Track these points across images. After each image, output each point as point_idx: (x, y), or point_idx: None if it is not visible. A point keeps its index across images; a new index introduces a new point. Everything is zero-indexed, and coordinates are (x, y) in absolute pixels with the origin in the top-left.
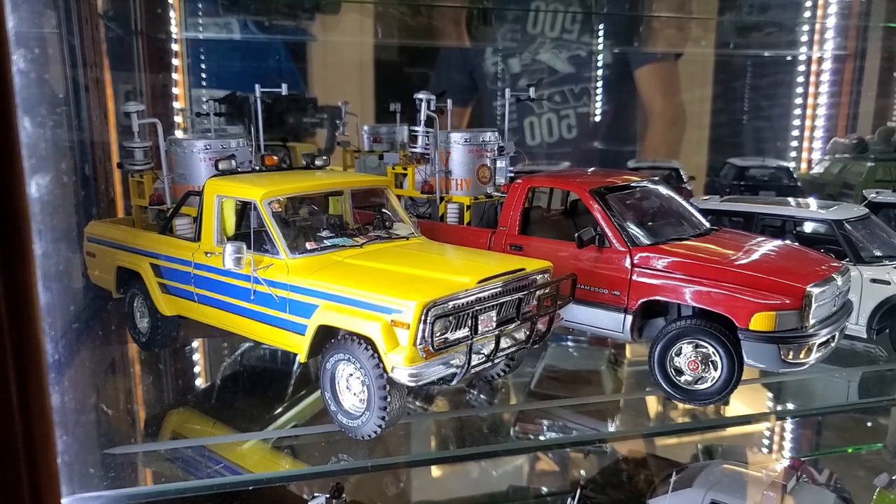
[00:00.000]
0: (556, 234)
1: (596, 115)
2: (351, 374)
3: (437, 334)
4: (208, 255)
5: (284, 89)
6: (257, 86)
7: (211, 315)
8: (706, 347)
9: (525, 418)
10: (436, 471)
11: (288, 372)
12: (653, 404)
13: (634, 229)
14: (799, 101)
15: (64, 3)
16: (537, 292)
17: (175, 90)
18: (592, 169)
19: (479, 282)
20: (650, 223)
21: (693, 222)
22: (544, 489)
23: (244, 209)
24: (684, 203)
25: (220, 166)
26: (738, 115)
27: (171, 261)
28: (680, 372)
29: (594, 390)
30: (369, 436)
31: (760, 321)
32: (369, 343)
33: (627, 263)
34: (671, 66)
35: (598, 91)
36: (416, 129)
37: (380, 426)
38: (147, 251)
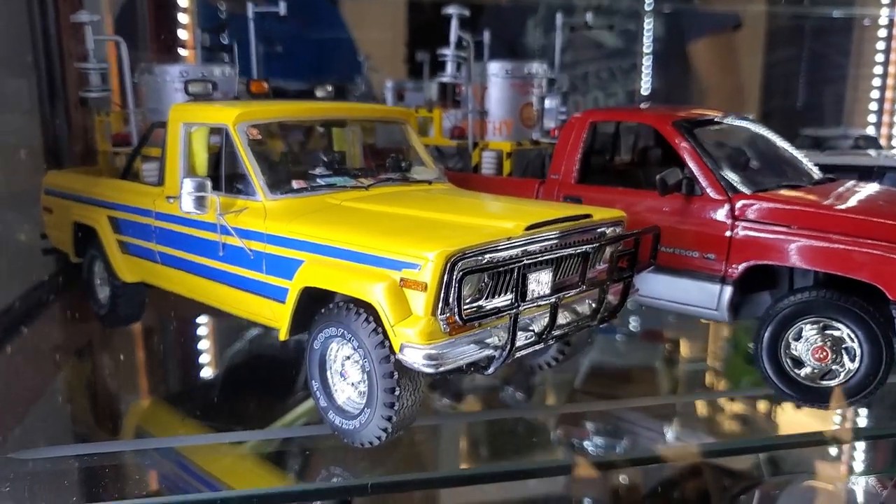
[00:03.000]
0: (627, 183)
1: (645, 91)
2: (347, 358)
3: (468, 300)
4: (171, 200)
5: (283, 8)
6: (250, 4)
7: (176, 280)
8: (839, 329)
9: (569, 421)
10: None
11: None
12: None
13: (733, 173)
14: (878, 70)
15: None
16: (608, 249)
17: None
18: (648, 104)
19: (528, 228)
20: (752, 167)
21: (803, 170)
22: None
23: (220, 146)
24: (789, 147)
25: (191, 90)
26: (803, 83)
27: (130, 212)
28: (799, 363)
29: (648, 391)
30: (371, 443)
31: None
32: (371, 312)
33: (726, 216)
34: (729, 38)
35: (648, 67)
36: (445, 52)
37: (385, 430)
38: (104, 201)
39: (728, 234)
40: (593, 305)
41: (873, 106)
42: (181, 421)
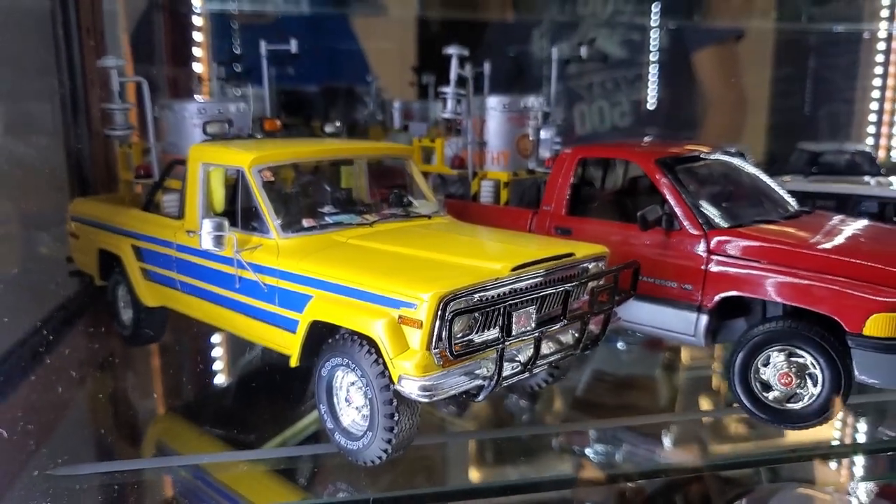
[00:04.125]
0: (613, 214)
1: (651, 102)
2: (352, 384)
3: (459, 335)
4: (191, 234)
5: (294, 46)
6: (262, 42)
7: (195, 307)
8: (803, 356)
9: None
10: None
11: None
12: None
13: (711, 209)
14: (877, 82)
15: None
16: (589, 284)
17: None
18: (650, 138)
19: (514, 269)
20: (729, 202)
21: (780, 203)
22: None
23: (236, 182)
24: (767, 179)
25: (209, 130)
26: (805, 96)
27: (152, 242)
28: (767, 387)
29: (648, 399)
30: (373, 462)
31: (879, 324)
32: (372, 345)
33: (702, 250)
34: (732, 48)
35: (654, 77)
36: (445, 90)
37: (385, 450)
38: (128, 231)
39: (704, 267)
40: (576, 335)
41: (872, 117)
42: (203, 437)
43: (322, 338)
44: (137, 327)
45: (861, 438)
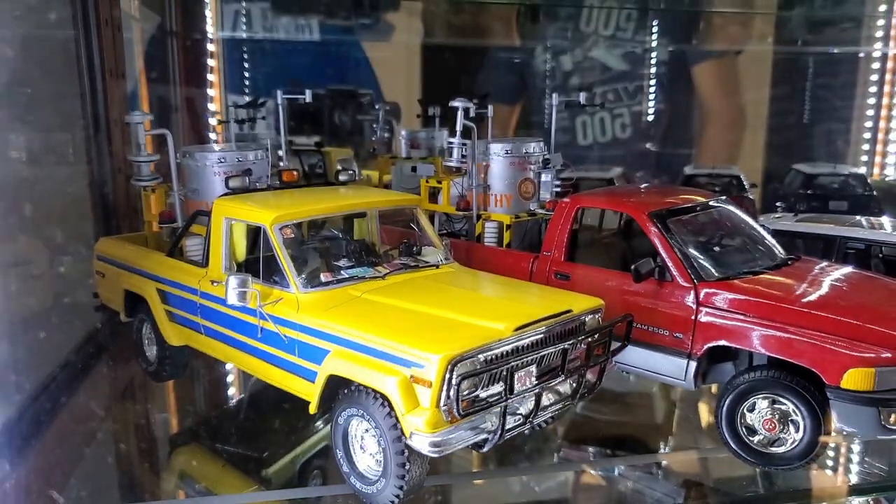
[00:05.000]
0: (610, 261)
1: (651, 113)
2: (366, 431)
3: (465, 393)
4: (215, 283)
5: (308, 95)
6: (279, 91)
7: (218, 350)
8: (786, 404)
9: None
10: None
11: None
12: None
13: (700, 260)
14: (872, 101)
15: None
16: (586, 339)
17: (210, 91)
18: (647, 185)
19: (517, 329)
20: (718, 253)
21: (767, 251)
22: None
23: (256, 232)
24: (756, 227)
25: (231, 184)
26: (802, 116)
27: (177, 287)
28: (752, 431)
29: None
30: None
31: (855, 378)
32: (386, 399)
33: (692, 301)
34: (731, 62)
35: (654, 89)
36: (452, 140)
37: (398, 495)
38: (154, 275)
39: (693, 317)
40: (574, 386)
41: (867, 135)
42: (229, 474)
43: (339, 387)
44: (162, 364)
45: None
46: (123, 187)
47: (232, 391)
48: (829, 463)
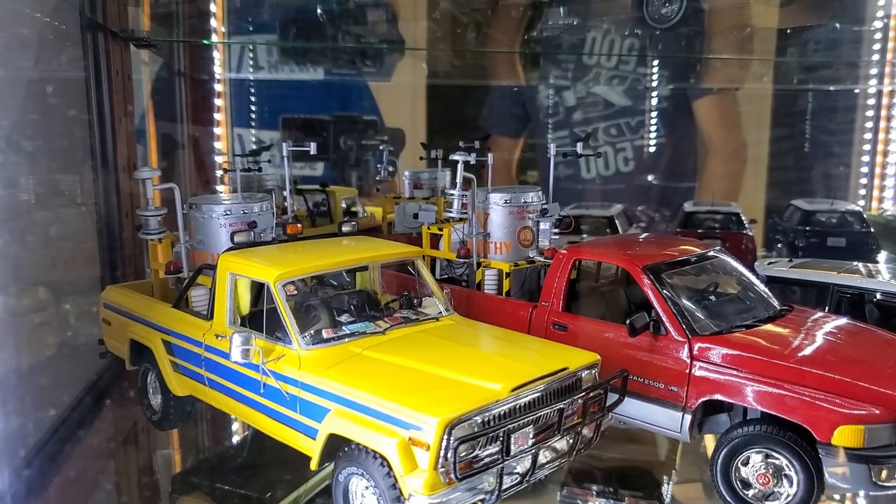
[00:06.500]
0: (607, 312)
1: (653, 147)
2: (366, 488)
3: (462, 455)
4: (219, 337)
5: (313, 148)
6: (285, 144)
7: (222, 402)
8: (779, 459)
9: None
10: None
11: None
12: None
13: (695, 314)
14: (868, 136)
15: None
16: (582, 396)
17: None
18: (645, 236)
19: (514, 389)
20: (713, 305)
21: (761, 301)
22: None
23: (260, 286)
24: (750, 277)
25: (236, 239)
26: (799, 152)
27: (182, 339)
28: (747, 485)
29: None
30: None
31: (845, 435)
32: (385, 459)
33: (686, 355)
34: (731, 97)
35: (656, 124)
36: (452, 192)
37: None
38: (159, 326)
39: (687, 371)
40: (570, 442)
41: (864, 169)
42: None
43: (340, 444)
44: (166, 413)
45: None
46: (130, 229)
47: (235, 435)
48: None
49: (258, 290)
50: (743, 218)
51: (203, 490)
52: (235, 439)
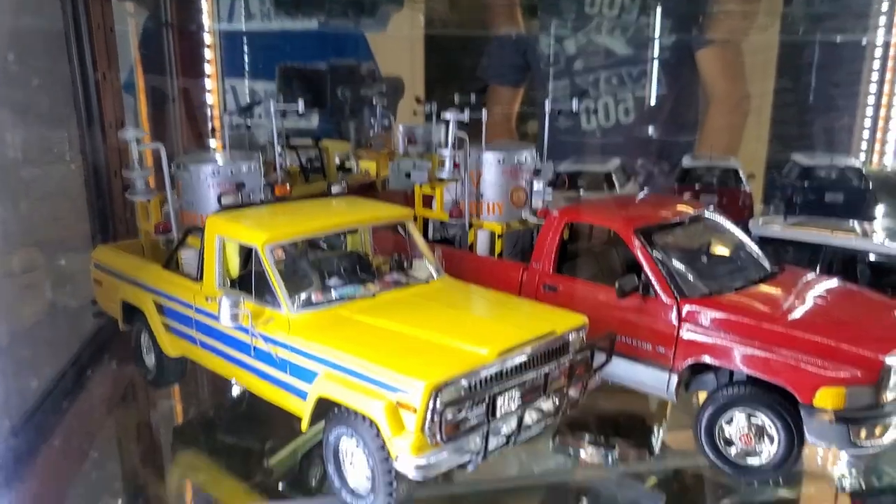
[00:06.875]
0: (597, 273)
1: (654, 98)
2: (356, 447)
3: (449, 417)
4: (209, 300)
5: (301, 107)
6: (272, 101)
7: (214, 363)
8: (762, 419)
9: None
10: None
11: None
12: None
13: (684, 277)
14: (873, 88)
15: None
16: (569, 358)
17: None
18: (638, 197)
19: (500, 353)
20: (703, 268)
21: (752, 263)
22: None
23: (248, 249)
24: (742, 238)
25: (223, 202)
26: (803, 105)
27: (173, 301)
28: (730, 443)
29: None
30: None
31: (826, 397)
32: (373, 421)
33: (674, 318)
34: (735, 47)
35: (657, 74)
36: (444, 152)
37: None
38: (150, 287)
39: (675, 333)
40: (556, 403)
41: (867, 122)
42: (236, 482)
43: (329, 405)
44: (160, 372)
45: None
46: (120, 187)
47: (234, 388)
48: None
49: (247, 252)
50: (741, 173)
51: (201, 443)
52: (234, 391)
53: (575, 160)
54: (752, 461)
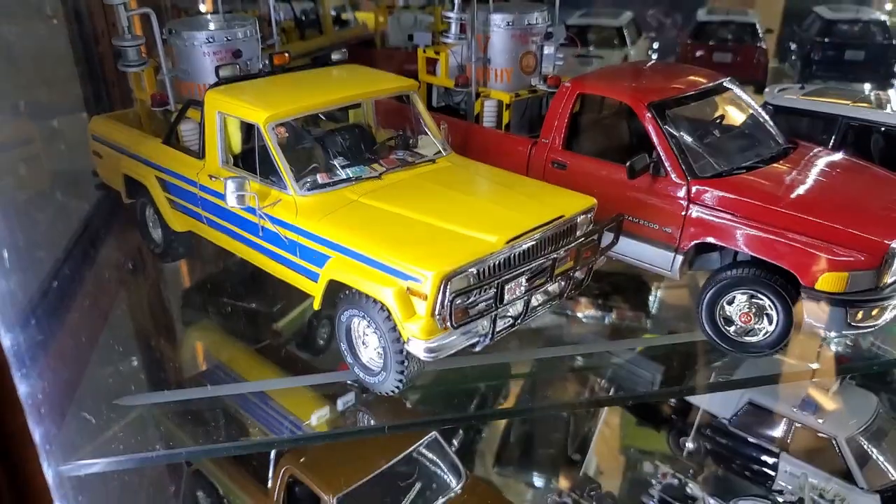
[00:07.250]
0: (608, 150)
1: None
2: (367, 326)
3: (458, 304)
4: (213, 178)
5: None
6: None
7: (222, 240)
8: (763, 299)
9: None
10: None
11: None
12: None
13: (696, 155)
14: None
15: None
16: (577, 241)
17: None
18: (653, 63)
19: (509, 241)
20: (715, 145)
21: (765, 140)
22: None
23: (250, 125)
24: (758, 113)
25: (221, 73)
26: None
27: (176, 178)
28: (729, 321)
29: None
30: (390, 392)
31: (830, 281)
32: (384, 305)
33: (683, 198)
34: None
35: None
36: (449, 14)
37: (398, 385)
38: (152, 163)
39: (683, 213)
40: (562, 285)
41: None
42: (255, 360)
43: (341, 287)
44: (168, 246)
45: None
46: (107, 44)
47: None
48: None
49: (249, 128)
50: (758, 28)
51: (211, 306)
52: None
53: (584, 13)
54: (749, 338)
